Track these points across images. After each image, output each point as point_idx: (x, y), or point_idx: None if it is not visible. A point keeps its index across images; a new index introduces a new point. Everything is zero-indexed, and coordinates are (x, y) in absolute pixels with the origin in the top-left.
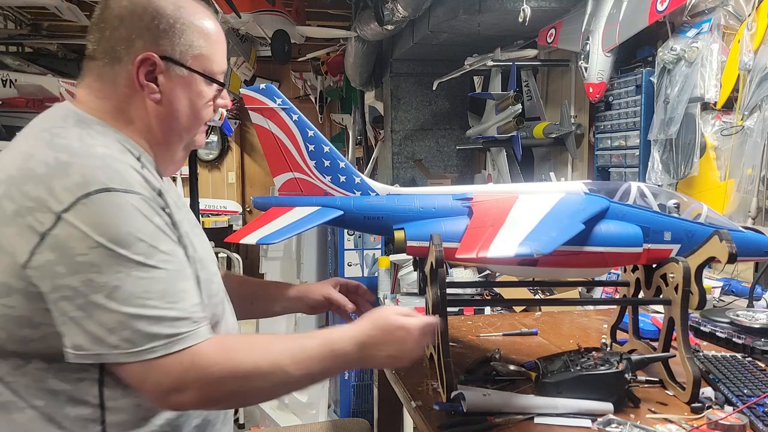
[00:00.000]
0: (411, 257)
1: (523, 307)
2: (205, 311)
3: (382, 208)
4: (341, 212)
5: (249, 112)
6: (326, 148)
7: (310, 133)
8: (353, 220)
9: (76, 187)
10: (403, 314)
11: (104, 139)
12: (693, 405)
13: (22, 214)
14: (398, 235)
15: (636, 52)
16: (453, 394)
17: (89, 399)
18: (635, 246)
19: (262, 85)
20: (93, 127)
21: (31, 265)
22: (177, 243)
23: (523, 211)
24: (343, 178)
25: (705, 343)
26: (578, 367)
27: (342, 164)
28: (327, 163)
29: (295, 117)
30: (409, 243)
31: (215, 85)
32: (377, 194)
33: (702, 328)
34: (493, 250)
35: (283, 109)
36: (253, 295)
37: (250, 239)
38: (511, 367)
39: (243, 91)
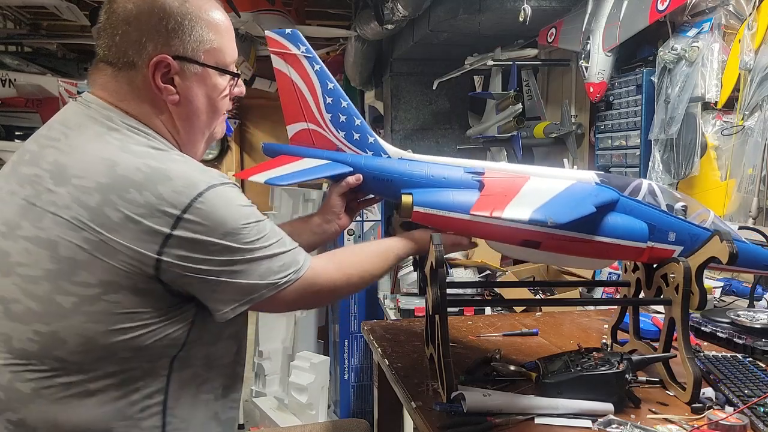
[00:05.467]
0: (411, 257)
1: (524, 308)
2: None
3: (392, 171)
4: (350, 169)
5: (271, 56)
6: (344, 103)
7: (330, 86)
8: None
9: (185, 189)
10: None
11: (158, 141)
12: (693, 405)
13: (135, 221)
14: (405, 199)
15: (636, 52)
16: (453, 394)
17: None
18: (640, 241)
19: (288, 30)
20: (142, 129)
21: (160, 265)
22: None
23: (535, 189)
24: (357, 136)
25: (706, 343)
26: (579, 368)
27: (358, 122)
28: (343, 118)
29: (317, 67)
30: (416, 209)
31: (229, 76)
32: (389, 157)
33: (703, 328)
34: (508, 212)
35: (306, 57)
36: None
37: (259, 178)
38: (512, 368)
39: (268, 33)
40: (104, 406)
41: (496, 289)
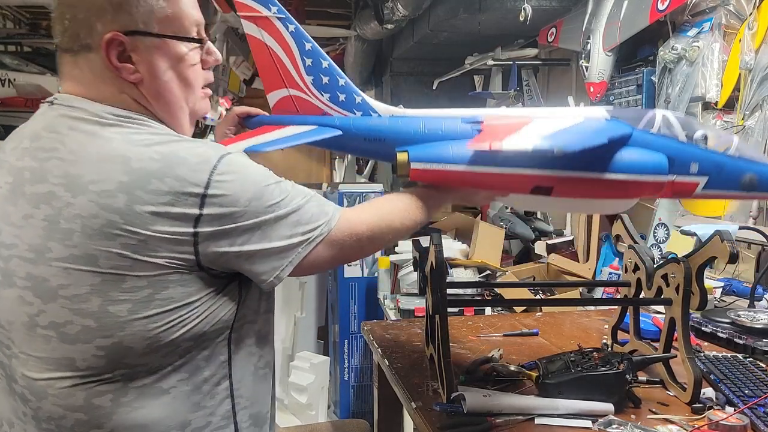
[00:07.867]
0: (411, 258)
1: (524, 308)
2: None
3: (384, 130)
4: (339, 132)
5: (241, 21)
6: (325, 63)
7: (308, 46)
8: (352, 142)
9: (201, 165)
10: None
11: (151, 126)
12: (694, 405)
13: (165, 211)
14: (401, 157)
15: (637, 52)
16: (453, 394)
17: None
18: (660, 174)
19: None
20: (133, 116)
21: (197, 248)
22: None
23: (540, 125)
24: (342, 97)
25: (706, 343)
26: (579, 368)
27: (342, 81)
28: (325, 79)
29: (291, 28)
30: (413, 165)
31: (194, 44)
32: (379, 115)
33: (703, 328)
34: (508, 142)
35: (279, 18)
36: None
37: (236, 147)
38: (512, 368)
39: None
40: (179, 401)
41: (496, 289)
